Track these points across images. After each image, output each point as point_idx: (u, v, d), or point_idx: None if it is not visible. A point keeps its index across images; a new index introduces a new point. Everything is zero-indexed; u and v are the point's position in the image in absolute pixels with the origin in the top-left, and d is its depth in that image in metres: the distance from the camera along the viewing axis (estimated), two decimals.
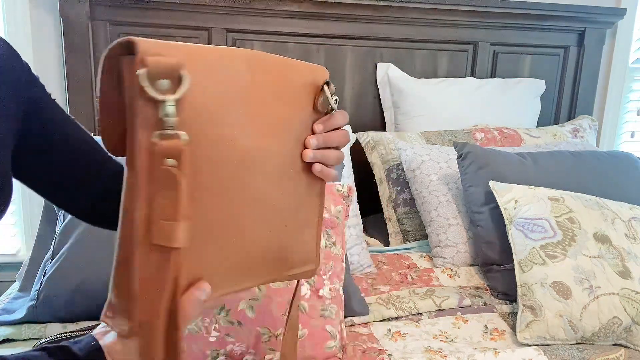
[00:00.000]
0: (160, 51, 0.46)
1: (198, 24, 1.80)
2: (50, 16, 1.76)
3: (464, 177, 1.55)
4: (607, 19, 2.08)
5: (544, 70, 2.14)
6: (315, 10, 1.84)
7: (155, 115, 0.45)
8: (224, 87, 0.51)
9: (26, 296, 1.22)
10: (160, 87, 0.45)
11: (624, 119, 2.31)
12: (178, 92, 0.45)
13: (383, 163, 1.80)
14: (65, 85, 1.75)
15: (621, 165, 1.60)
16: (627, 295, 1.20)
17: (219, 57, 0.51)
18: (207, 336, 1.01)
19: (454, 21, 1.97)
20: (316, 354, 1.06)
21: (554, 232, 1.29)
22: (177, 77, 0.46)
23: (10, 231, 1.87)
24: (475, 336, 1.22)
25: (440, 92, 1.96)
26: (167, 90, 0.45)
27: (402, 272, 1.51)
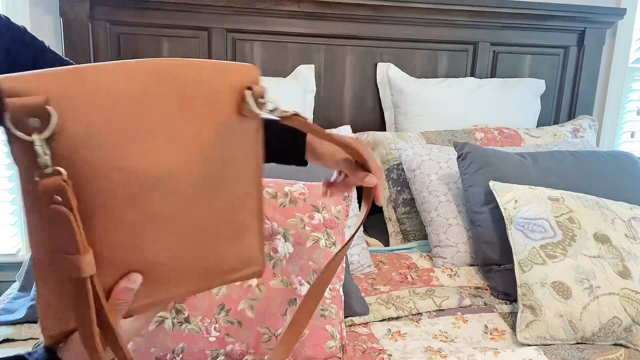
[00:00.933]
0: (27, 87, 0.45)
1: (198, 24, 1.80)
2: (50, 16, 1.76)
3: (464, 177, 1.55)
4: (607, 19, 2.08)
5: (544, 70, 2.14)
6: (315, 10, 1.84)
7: (30, 156, 0.45)
8: (109, 111, 0.48)
9: (26, 296, 1.22)
10: (29, 127, 0.44)
11: (624, 119, 2.31)
12: (47, 129, 0.44)
13: (383, 163, 1.80)
14: None
15: (621, 165, 1.60)
16: (627, 295, 1.20)
17: (100, 80, 0.48)
18: (207, 336, 1.01)
19: (454, 21, 1.97)
20: (316, 354, 1.06)
21: (554, 232, 1.28)
22: (45, 114, 0.45)
23: (10, 231, 1.87)
24: (475, 336, 1.22)
25: (440, 92, 1.96)
26: (37, 128, 0.44)
27: (402, 272, 1.51)
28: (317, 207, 1.20)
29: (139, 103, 0.50)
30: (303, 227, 1.16)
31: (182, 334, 1.00)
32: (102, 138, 0.48)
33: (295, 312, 0.74)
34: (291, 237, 1.13)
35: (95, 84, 0.48)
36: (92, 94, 0.48)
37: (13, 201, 1.85)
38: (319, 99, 1.94)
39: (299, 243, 1.13)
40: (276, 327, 1.04)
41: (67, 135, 0.46)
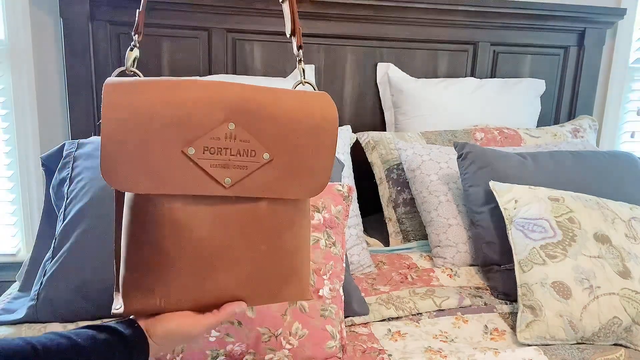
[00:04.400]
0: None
1: (198, 24, 1.80)
2: (50, 16, 1.76)
3: (464, 177, 1.55)
4: (607, 19, 2.08)
5: (544, 70, 2.14)
6: (315, 10, 1.84)
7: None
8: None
9: (26, 296, 1.22)
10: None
11: (624, 119, 2.31)
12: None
13: (383, 163, 1.79)
14: (65, 85, 1.75)
15: (621, 165, 1.60)
16: (627, 295, 1.20)
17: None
18: (207, 336, 1.01)
19: (454, 21, 1.97)
20: (316, 354, 1.06)
21: (554, 232, 1.28)
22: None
23: (10, 231, 1.87)
24: (476, 336, 1.22)
25: (440, 92, 1.96)
26: None
27: (402, 272, 1.51)
28: (317, 207, 1.20)
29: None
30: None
31: None
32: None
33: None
34: None
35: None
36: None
37: (13, 201, 1.85)
38: None
39: None
40: (276, 327, 1.04)
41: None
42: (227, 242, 0.68)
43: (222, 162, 0.65)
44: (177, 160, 0.63)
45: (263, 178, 0.68)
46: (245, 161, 0.67)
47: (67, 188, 1.26)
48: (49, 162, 1.35)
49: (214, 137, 0.65)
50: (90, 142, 1.35)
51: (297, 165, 0.70)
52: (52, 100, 1.82)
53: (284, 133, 0.69)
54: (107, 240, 1.17)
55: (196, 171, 0.64)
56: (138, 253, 0.66)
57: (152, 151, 0.62)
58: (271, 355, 1.03)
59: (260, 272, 0.71)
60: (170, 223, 0.65)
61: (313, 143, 0.70)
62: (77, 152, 1.32)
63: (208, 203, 0.66)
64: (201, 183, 0.65)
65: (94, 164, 1.28)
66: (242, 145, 0.66)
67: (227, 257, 0.68)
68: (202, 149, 0.64)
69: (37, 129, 1.81)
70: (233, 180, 0.66)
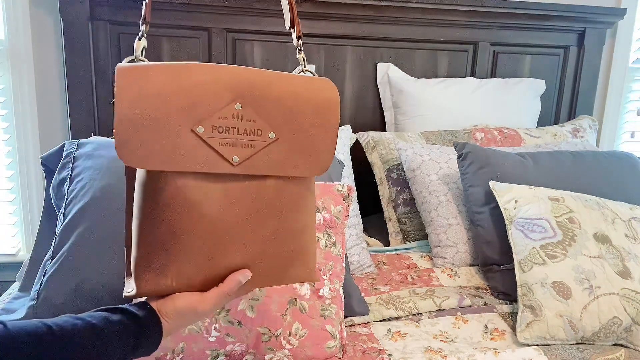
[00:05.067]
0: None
1: (198, 24, 1.80)
2: (50, 16, 1.76)
3: (464, 177, 1.55)
4: (607, 19, 2.08)
5: (544, 70, 2.14)
6: (315, 10, 1.84)
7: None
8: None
9: (26, 296, 1.22)
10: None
11: (624, 119, 2.31)
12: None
13: (383, 163, 1.79)
14: (65, 85, 1.75)
15: (621, 165, 1.60)
16: (627, 295, 1.20)
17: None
18: (207, 336, 1.01)
19: (454, 21, 1.97)
20: (316, 354, 1.06)
21: (554, 232, 1.28)
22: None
23: (10, 231, 1.87)
24: (476, 336, 1.22)
25: (440, 92, 1.96)
26: None
27: (402, 272, 1.51)
28: (318, 207, 1.20)
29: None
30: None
31: (182, 334, 1.00)
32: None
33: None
34: None
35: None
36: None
37: (13, 201, 1.85)
38: None
39: None
40: (276, 327, 1.04)
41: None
42: (236, 220, 0.70)
43: (230, 141, 0.68)
44: (188, 139, 0.65)
45: (269, 156, 0.71)
46: (252, 140, 0.69)
47: (67, 188, 1.26)
48: (49, 162, 1.35)
49: (222, 117, 0.67)
50: (90, 142, 1.35)
51: (302, 144, 0.73)
52: (52, 100, 1.82)
53: (289, 113, 0.71)
54: (107, 240, 1.17)
55: (206, 149, 0.66)
56: (150, 233, 0.68)
57: (163, 130, 0.64)
58: (271, 355, 1.03)
59: (268, 251, 0.73)
60: (181, 201, 0.67)
61: (317, 123, 0.74)
62: (77, 152, 1.32)
63: (217, 181, 0.68)
64: (211, 161, 0.67)
65: (94, 164, 1.28)
66: (249, 124, 0.69)
67: (236, 235, 0.70)
68: (211, 127, 0.66)
69: (37, 129, 1.81)
70: (240, 159, 0.68)
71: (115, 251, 1.17)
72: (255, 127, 0.69)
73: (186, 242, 0.68)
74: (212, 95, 0.67)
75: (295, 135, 0.72)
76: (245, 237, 0.71)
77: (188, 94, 0.65)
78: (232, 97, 0.68)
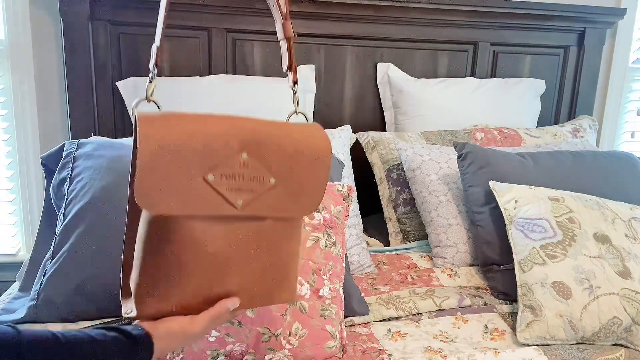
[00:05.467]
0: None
1: (198, 24, 1.80)
2: (50, 16, 1.76)
3: (464, 177, 1.55)
4: (607, 19, 2.08)
5: (544, 70, 2.14)
6: (315, 10, 1.84)
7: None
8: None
9: (26, 296, 1.22)
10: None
11: (624, 119, 2.31)
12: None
13: (383, 163, 1.79)
14: (65, 85, 1.75)
15: (621, 165, 1.60)
16: (627, 295, 1.20)
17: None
18: (207, 336, 1.01)
19: (454, 21, 1.97)
20: (316, 354, 1.06)
21: (554, 232, 1.28)
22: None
23: (10, 231, 1.87)
24: (475, 336, 1.22)
25: (440, 92, 1.96)
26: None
27: (402, 272, 1.51)
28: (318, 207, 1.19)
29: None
30: (303, 227, 1.15)
31: None
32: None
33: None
34: None
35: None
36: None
37: (13, 201, 1.85)
38: (319, 99, 1.94)
39: None
40: (276, 327, 1.04)
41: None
42: (236, 254, 0.77)
43: (236, 186, 0.74)
44: (199, 186, 0.71)
45: (268, 200, 0.78)
46: (255, 186, 0.76)
47: (67, 188, 1.27)
48: (49, 162, 1.35)
49: (230, 165, 0.73)
50: (90, 142, 1.35)
51: (297, 189, 0.81)
52: (52, 100, 1.82)
53: (288, 162, 0.79)
54: (107, 240, 1.17)
55: (214, 195, 0.73)
56: (156, 264, 0.73)
57: (179, 178, 0.70)
58: (271, 355, 1.03)
59: (259, 279, 0.81)
60: (188, 239, 0.73)
61: (311, 171, 0.82)
62: (77, 152, 1.32)
63: (221, 221, 0.75)
64: (218, 204, 0.73)
65: (94, 164, 1.28)
66: (253, 172, 0.76)
67: (234, 267, 0.77)
68: (220, 175, 0.73)
69: (37, 129, 1.81)
70: (244, 203, 0.75)
71: (115, 251, 1.17)
72: (258, 174, 0.76)
73: (189, 274, 0.74)
74: (223, 146, 0.72)
75: (291, 181, 0.80)
76: (242, 268, 0.78)
77: (203, 145, 0.71)
78: (239, 147, 0.74)
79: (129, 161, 1.28)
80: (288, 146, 0.79)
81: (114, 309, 1.15)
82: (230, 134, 0.74)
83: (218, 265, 0.76)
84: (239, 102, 1.73)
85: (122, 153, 1.30)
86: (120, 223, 1.19)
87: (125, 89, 1.75)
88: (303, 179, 0.81)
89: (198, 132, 0.71)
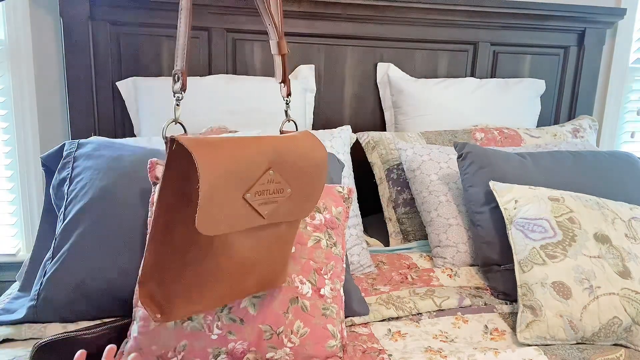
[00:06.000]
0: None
1: (198, 24, 1.80)
2: (50, 16, 1.76)
3: (464, 177, 1.55)
4: (607, 19, 2.09)
5: (544, 70, 2.14)
6: (315, 10, 1.84)
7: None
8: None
9: (26, 296, 1.22)
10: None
11: (624, 119, 2.31)
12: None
13: (383, 163, 1.80)
14: (65, 85, 1.75)
15: (621, 165, 1.60)
16: (627, 295, 1.20)
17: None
18: (209, 334, 1.01)
19: (454, 21, 1.97)
20: (317, 353, 1.06)
21: (554, 232, 1.29)
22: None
23: (10, 231, 1.87)
24: (476, 336, 1.22)
25: (440, 92, 1.96)
26: None
27: (402, 272, 1.51)
28: (319, 207, 1.20)
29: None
30: (305, 227, 1.16)
31: (184, 332, 1.00)
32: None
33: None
34: None
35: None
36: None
37: (13, 201, 1.85)
38: (319, 98, 1.94)
39: (300, 243, 1.13)
40: (278, 325, 1.04)
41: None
42: (259, 258, 0.89)
43: (264, 200, 0.84)
44: (240, 204, 0.80)
45: (285, 207, 0.88)
46: (277, 197, 0.86)
47: (67, 188, 1.27)
48: (49, 162, 1.35)
49: (261, 183, 0.83)
50: (90, 142, 1.35)
51: (304, 194, 0.91)
52: (52, 100, 1.82)
53: (299, 172, 0.89)
54: (107, 240, 1.17)
55: (250, 210, 0.82)
56: (195, 274, 0.82)
57: (227, 200, 0.78)
58: (272, 354, 1.03)
59: (270, 272, 0.94)
60: (228, 251, 0.83)
61: (314, 178, 0.92)
62: (77, 152, 1.32)
63: (251, 232, 0.85)
64: (252, 218, 0.83)
65: (94, 164, 1.28)
66: (276, 185, 0.85)
67: (256, 268, 0.89)
68: (255, 193, 0.82)
69: (37, 129, 1.81)
70: (269, 213, 0.85)
71: (115, 251, 1.17)
72: (280, 187, 0.86)
73: (222, 280, 0.85)
74: (256, 167, 0.82)
75: (301, 189, 0.90)
76: (261, 267, 0.90)
77: (242, 168, 0.80)
78: (267, 165, 0.83)
79: (129, 161, 1.29)
80: (298, 158, 0.88)
81: (113, 309, 1.15)
82: (261, 154, 0.83)
83: (245, 269, 0.87)
84: (239, 103, 1.73)
85: (122, 153, 1.30)
86: (120, 222, 1.19)
87: (125, 89, 1.75)
88: (309, 186, 0.91)
89: (239, 157, 0.79)
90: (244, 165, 0.80)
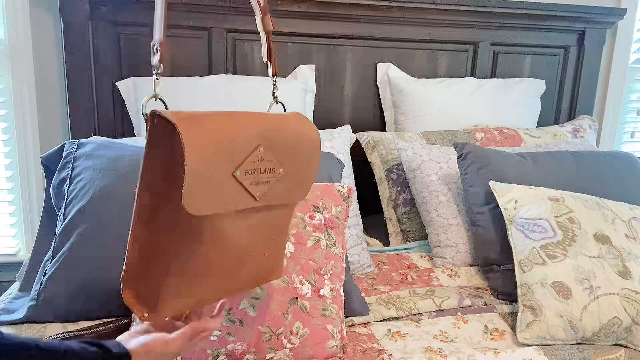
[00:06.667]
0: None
1: (198, 24, 1.80)
2: (50, 16, 1.76)
3: (464, 177, 1.55)
4: (607, 19, 2.09)
5: (544, 70, 2.14)
6: (315, 10, 1.84)
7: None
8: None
9: (26, 296, 1.22)
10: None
11: (624, 119, 2.31)
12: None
13: (383, 163, 1.79)
14: (65, 85, 1.75)
15: (621, 165, 1.60)
16: (627, 295, 1.20)
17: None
18: None
19: (454, 21, 1.97)
20: (317, 354, 1.06)
21: (554, 232, 1.29)
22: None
23: (10, 231, 1.87)
24: (475, 336, 1.22)
25: (440, 92, 1.96)
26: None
27: (402, 272, 1.51)
28: (318, 207, 1.20)
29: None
30: (304, 227, 1.16)
31: None
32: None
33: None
34: (292, 237, 1.13)
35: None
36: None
37: (13, 201, 1.85)
38: (319, 98, 1.94)
39: (300, 243, 1.13)
40: (277, 326, 1.04)
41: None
42: (252, 246, 0.83)
43: (255, 180, 0.78)
44: (230, 183, 0.75)
45: (278, 190, 0.83)
46: (269, 177, 0.81)
47: (67, 188, 1.27)
48: (49, 162, 1.35)
49: (251, 160, 0.77)
50: (90, 142, 1.35)
51: (299, 176, 0.86)
52: (52, 100, 1.82)
53: (291, 152, 0.84)
54: (107, 240, 1.17)
55: (241, 190, 0.76)
56: (186, 264, 0.76)
57: (215, 178, 0.72)
58: (272, 355, 1.03)
59: (264, 263, 0.88)
60: (218, 236, 0.76)
61: (308, 159, 0.87)
62: (77, 152, 1.32)
63: (242, 215, 0.79)
64: (243, 199, 0.77)
65: (94, 164, 1.28)
66: (267, 164, 0.80)
67: (249, 258, 0.83)
68: (245, 171, 0.76)
69: (37, 129, 1.81)
70: (261, 194, 0.80)
71: (116, 251, 1.17)
72: (271, 166, 0.81)
73: (214, 270, 0.78)
74: (246, 143, 0.76)
75: (295, 170, 0.85)
76: (254, 258, 0.84)
77: (231, 144, 0.74)
78: (257, 142, 0.78)
79: (129, 161, 1.29)
80: (290, 137, 0.83)
81: (113, 309, 1.15)
82: (250, 129, 0.77)
83: (237, 261, 0.81)
84: (239, 102, 1.73)
85: (122, 153, 1.30)
86: (120, 223, 1.19)
87: (125, 89, 1.75)
88: (302, 167, 0.86)
89: (226, 132, 0.74)
90: (232, 140, 0.74)
